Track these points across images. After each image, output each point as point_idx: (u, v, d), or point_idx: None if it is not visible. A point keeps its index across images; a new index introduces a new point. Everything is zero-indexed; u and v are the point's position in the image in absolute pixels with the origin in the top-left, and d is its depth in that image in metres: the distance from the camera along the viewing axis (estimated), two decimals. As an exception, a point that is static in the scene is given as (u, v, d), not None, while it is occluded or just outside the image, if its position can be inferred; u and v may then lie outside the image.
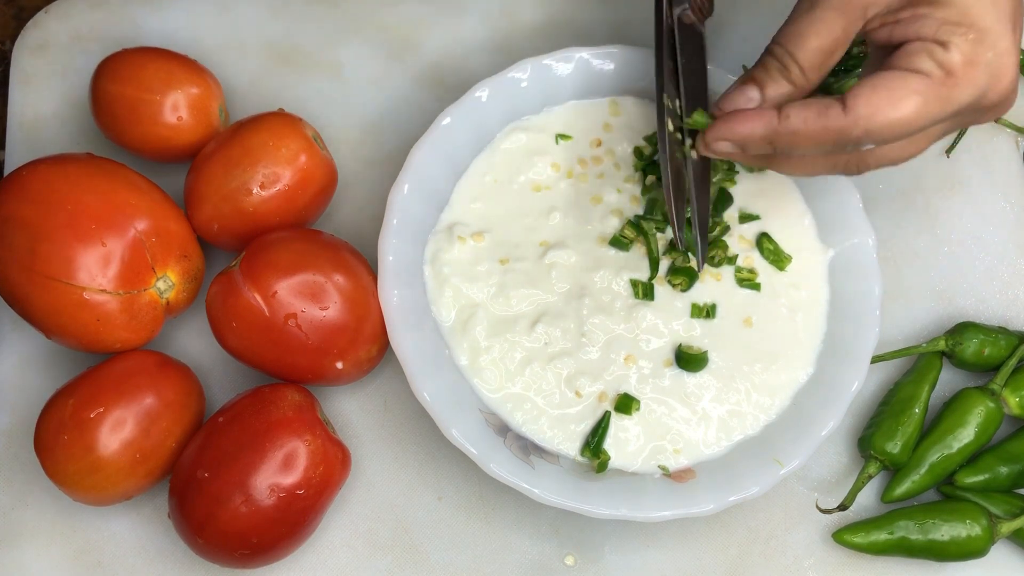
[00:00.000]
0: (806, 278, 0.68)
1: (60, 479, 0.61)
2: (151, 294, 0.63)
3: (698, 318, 0.66)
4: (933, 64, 0.53)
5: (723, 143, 0.57)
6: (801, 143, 0.55)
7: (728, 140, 0.57)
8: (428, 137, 0.67)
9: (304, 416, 0.61)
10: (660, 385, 0.65)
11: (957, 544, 0.64)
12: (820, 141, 0.55)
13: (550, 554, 0.66)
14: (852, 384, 0.64)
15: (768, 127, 0.56)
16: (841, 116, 0.54)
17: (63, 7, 0.76)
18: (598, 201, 0.68)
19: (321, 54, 0.75)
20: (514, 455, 0.63)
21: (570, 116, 0.70)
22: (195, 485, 0.60)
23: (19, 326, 0.69)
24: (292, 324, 0.62)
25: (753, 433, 0.65)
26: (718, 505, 0.62)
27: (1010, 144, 0.76)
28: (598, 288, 0.66)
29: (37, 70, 0.74)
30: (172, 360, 0.64)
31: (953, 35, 0.53)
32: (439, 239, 0.67)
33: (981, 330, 0.68)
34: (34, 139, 0.73)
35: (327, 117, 0.74)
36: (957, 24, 0.53)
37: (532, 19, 0.77)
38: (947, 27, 0.54)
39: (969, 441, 0.66)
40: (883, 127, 0.53)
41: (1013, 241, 0.73)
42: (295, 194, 0.66)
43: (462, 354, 0.65)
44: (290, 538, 0.61)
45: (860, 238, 0.67)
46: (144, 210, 0.62)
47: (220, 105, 0.69)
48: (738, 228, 0.68)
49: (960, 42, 0.53)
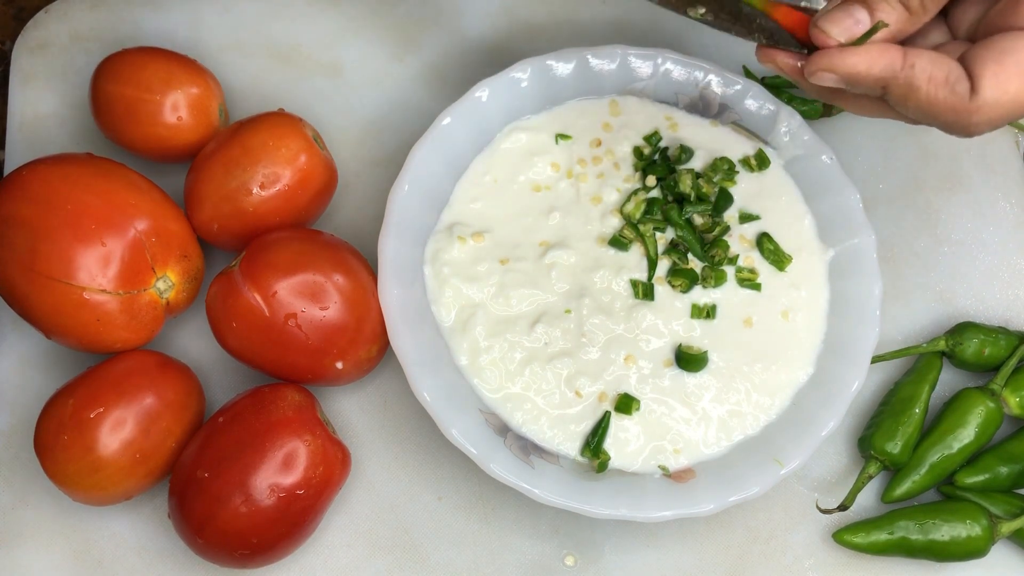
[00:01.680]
0: (806, 278, 0.68)
1: (60, 479, 0.61)
2: (151, 294, 0.63)
3: (698, 318, 0.66)
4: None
5: (828, 75, 0.50)
6: (911, 103, 0.49)
7: (836, 74, 0.50)
8: (428, 137, 0.67)
9: (304, 416, 0.61)
10: (660, 385, 0.65)
11: (957, 544, 0.64)
12: (933, 111, 0.49)
13: (550, 554, 0.66)
14: (852, 384, 0.64)
15: (889, 70, 0.49)
16: (967, 96, 0.48)
17: (63, 7, 0.76)
18: (598, 201, 0.68)
19: (321, 54, 0.76)
20: (514, 455, 0.63)
21: (570, 116, 0.70)
22: (195, 485, 0.60)
23: (19, 326, 0.69)
24: (292, 324, 0.62)
25: (753, 433, 0.65)
26: (718, 505, 0.62)
27: (1010, 144, 0.76)
28: (598, 288, 0.66)
29: (37, 70, 0.74)
30: (172, 360, 0.64)
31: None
32: (439, 239, 0.67)
33: (981, 330, 0.68)
34: (34, 139, 0.73)
35: (327, 117, 0.74)
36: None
37: (532, 19, 0.77)
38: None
39: (969, 441, 0.66)
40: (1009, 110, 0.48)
41: (1013, 241, 0.73)
42: (295, 194, 0.66)
43: (462, 354, 0.65)
44: (290, 538, 0.61)
45: (860, 238, 0.67)
46: (144, 210, 0.62)
47: (220, 105, 0.69)
48: (738, 228, 0.68)
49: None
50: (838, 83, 0.51)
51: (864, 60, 0.49)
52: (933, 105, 0.49)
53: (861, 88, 0.51)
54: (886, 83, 0.50)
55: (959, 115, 0.49)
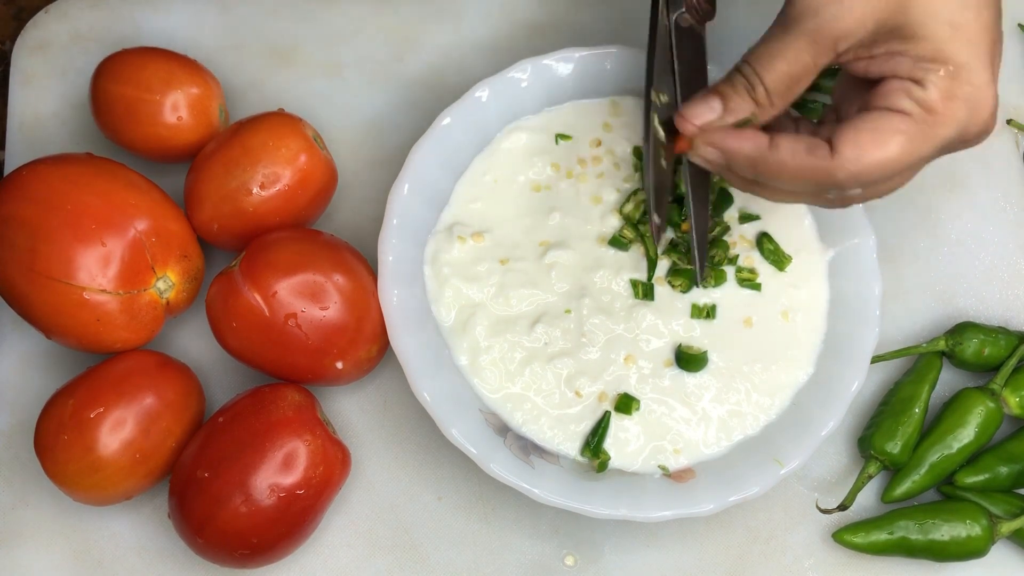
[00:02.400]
0: (806, 278, 0.68)
1: (60, 479, 0.61)
2: (151, 294, 0.63)
3: (698, 318, 0.66)
4: (912, 103, 0.54)
5: (710, 149, 0.58)
6: (785, 176, 0.56)
7: (717, 148, 0.57)
8: (428, 137, 0.67)
9: (304, 416, 0.61)
10: (660, 385, 0.65)
11: (957, 544, 0.64)
12: (804, 178, 0.55)
13: (550, 554, 0.66)
14: (852, 384, 0.64)
15: (757, 150, 0.56)
16: (828, 158, 0.54)
17: (63, 7, 0.76)
18: (598, 201, 0.68)
19: (321, 54, 0.75)
20: (514, 455, 0.63)
21: (570, 116, 0.70)
22: (195, 485, 0.60)
23: (19, 326, 0.69)
24: (292, 324, 0.62)
25: (753, 433, 0.65)
26: (718, 505, 0.62)
27: (1010, 144, 0.76)
28: (598, 288, 0.66)
29: (37, 70, 0.74)
30: (172, 360, 0.64)
31: (928, 72, 0.54)
32: (439, 239, 0.67)
33: (981, 330, 0.68)
34: (34, 139, 0.73)
35: (327, 117, 0.74)
36: (932, 61, 0.54)
37: (532, 19, 0.77)
38: (922, 64, 0.54)
39: (969, 441, 0.66)
40: (870, 168, 0.54)
41: (1013, 241, 0.73)
42: (295, 194, 0.66)
43: (462, 354, 0.65)
44: (290, 538, 0.61)
45: (860, 238, 0.67)
46: (144, 210, 0.62)
47: (220, 105, 0.69)
48: (738, 228, 0.68)
49: (936, 79, 0.54)
50: (721, 158, 0.57)
51: (737, 139, 0.57)
52: (800, 170, 0.55)
53: (739, 168, 0.57)
54: (757, 163, 0.56)
55: (825, 174, 0.55)
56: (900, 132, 0.54)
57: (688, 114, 0.58)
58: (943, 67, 0.54)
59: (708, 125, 0.57)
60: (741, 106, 0.57)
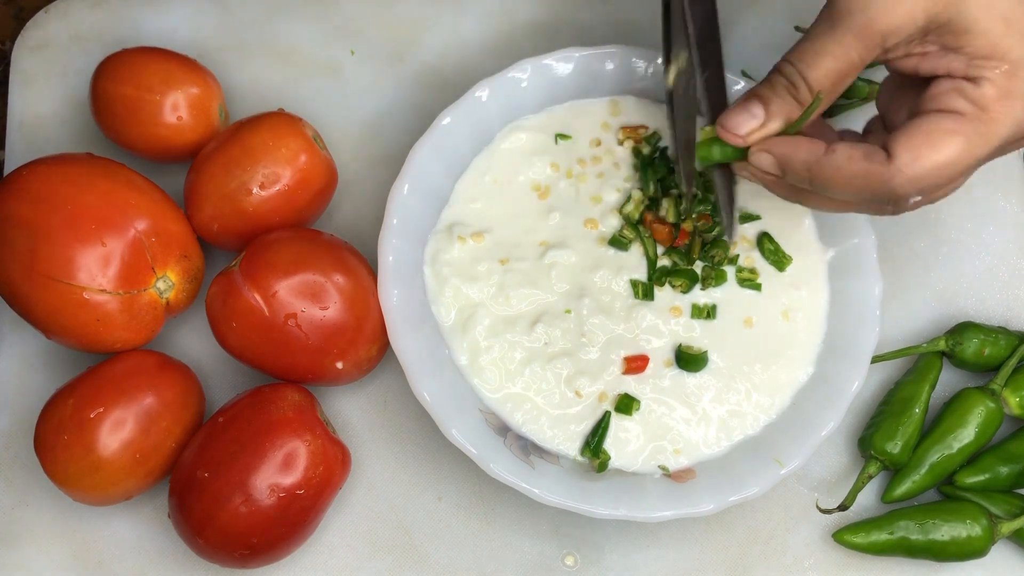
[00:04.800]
0: (806, 278, 0.68)
1: (60, 479, 0.61)
2: (151, 294, 0.63)
3: (698, 318, 0.66)
4: (966, 102, 0.52)
5: (765, 156, 0.56)
6: (840, 182, 0.54)
7: (772, 154, 0.56)
8: (428, 137, 0.67)
9: (304, 416, 0.61)
10: (660, 385, 0.65)
11: (957, 544, 0.64)
12: (860, 185, 0.54)
13: (550, 554, 0.66)
14: (852, 384, 0.64)
15: (813, 155, 0.54)
16: (885, 163, 0.52)
17: (63, 7, 0.76)
18: (598, 201, 0.68)
19: (321, 54, 0.76)
20: (514, 455, 0.63)
21: (570, 116, 0.70)
22: (195, 485, 0.60)
23: (19, 326, 0.69)
24: (292, 324, 0.62)
25: (753, 433, 0.65)
26: (718, 505, 0.62)
27: (1010, 144, 0.76)
28: (598, 288, 0.66)
29: (37, 70, 0.74)
30: (172, 360, 0.64)
31: (983, 69, 0.52)
32: (439, 239, 0.67)
33: (981, 330, 0.68)
34: (34, 139, 0.73)
35: (327, 117, 0.74)
36: (987, 58, 0.52)
37: (532, 19, 0.77)
38: (977, 61, 0.52)
39: (969, 441, 0.66)
40: (927, 172, 0.52)
41: (1013, 241, 0.73)
42: (295, 194, 0.66)
43: (462, 354, 0.65)
44: (290, 538, 0.62)
45: (860, 238, 0.67)
46: (144, 210, 0.63)
47: (220, 105, 0.69)
48: (739, 228, 0.68)
49: (992, 76, 0.52)
50: (776, 167, 0.56)
51: (793, 144, 0.55)
52: (855, 177, 0.54)
53: (792, 175, 0.56)
54: (812, 168, 0.54)
55: (881, 181, 0.53)
56: (956, 134, 0.52)
57: (729, 125, 0.56)
58: (999, 63, 0.52)
59: (751, 133, 0.56)
60: (783, 108, 0.55)
